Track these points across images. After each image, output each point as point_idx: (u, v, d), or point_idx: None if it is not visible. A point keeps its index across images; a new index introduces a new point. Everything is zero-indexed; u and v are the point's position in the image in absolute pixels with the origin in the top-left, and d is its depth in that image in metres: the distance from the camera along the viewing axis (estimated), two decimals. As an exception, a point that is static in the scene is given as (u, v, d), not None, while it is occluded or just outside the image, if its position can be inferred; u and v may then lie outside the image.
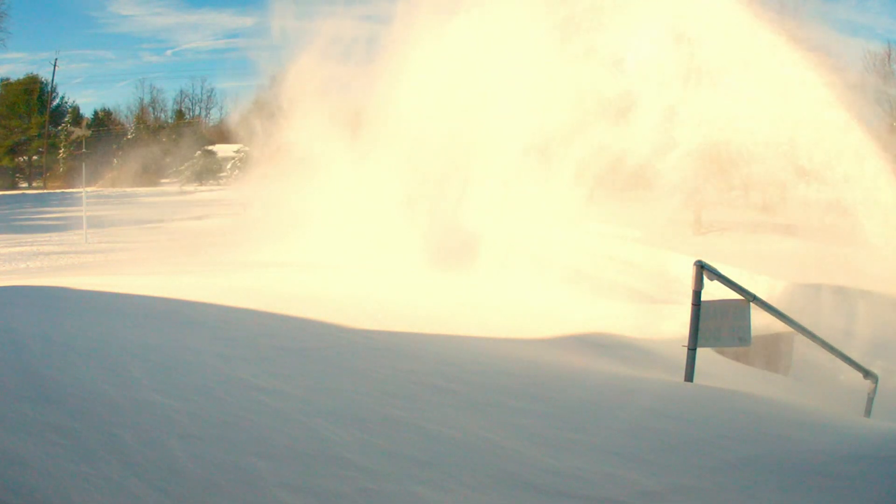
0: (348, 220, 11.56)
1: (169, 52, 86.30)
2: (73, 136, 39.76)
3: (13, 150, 46.85)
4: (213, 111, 62.34)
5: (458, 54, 10.46)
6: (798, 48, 8.00)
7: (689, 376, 4.27)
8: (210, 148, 50.20)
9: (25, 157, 48.37)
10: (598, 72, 9.23)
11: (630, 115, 9.11)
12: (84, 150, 29.98)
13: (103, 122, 50.78)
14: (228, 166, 47.60)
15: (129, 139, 50.67)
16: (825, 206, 7.83)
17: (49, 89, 48.86)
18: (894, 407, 6.46)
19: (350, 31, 12.63)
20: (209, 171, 48.01)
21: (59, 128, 47.84)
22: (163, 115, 58.02)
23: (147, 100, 58.27)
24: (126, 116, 55.82)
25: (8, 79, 47.93)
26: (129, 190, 43.42)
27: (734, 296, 4.25)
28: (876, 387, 5.44)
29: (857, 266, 7.92)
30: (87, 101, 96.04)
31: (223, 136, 54.76)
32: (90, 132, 34.44)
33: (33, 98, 47.24)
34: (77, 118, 46.41)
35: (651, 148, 8.94)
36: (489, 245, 10.47)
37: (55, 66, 49.49)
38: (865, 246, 7.66)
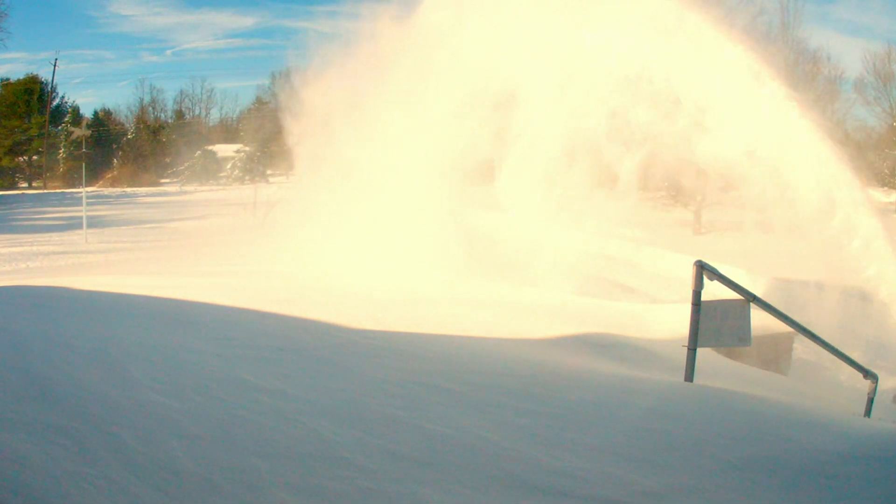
0: (355, 222, 11.55)
1: (169, 52, 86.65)
2: (73, 136, 39.69)
3: (13, 150, 46.82)
4: (213, 111, 62.45)
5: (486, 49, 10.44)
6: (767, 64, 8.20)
7: (689, 376, 4.26)
8: (210, 148, 50.22)
9: (25, 157, 48.37)
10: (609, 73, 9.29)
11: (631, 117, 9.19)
12: (84, 150, 29.94)
13: (103, 122, 50.78)
14: (228, 166, 47.62)
15: (129, 139, 50.69)
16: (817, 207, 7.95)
17: (49, 89, 48.87)
18: (894, 407, 6.46)
19: (383, 29, 12.59)
20: (209, 171, 48.03)
21: (59, 128, 47.81)
22: (163, 115, 58.18)
23: (147, 100, 58.47)
24: (126, 116, 55.98)
25: (8, 79, 47.95)
26: (129, 190, 43.46)
27: (734, 296, 4.25)
28: (876, 387, 5.44)
29: (857, 265, 7.95)
30: (87, 101, 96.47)
31: (223, 136, 54.85)
32: (90, 132, 34.39)
33: (33, 98, 47.21)
34: (77, 118, 46.33)
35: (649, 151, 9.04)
36: (491, 246, 10.49)
37: (55, 66, 49.53)
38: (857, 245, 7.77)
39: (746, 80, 8.24)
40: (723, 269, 4.28)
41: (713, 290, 4.26)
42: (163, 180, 49.26)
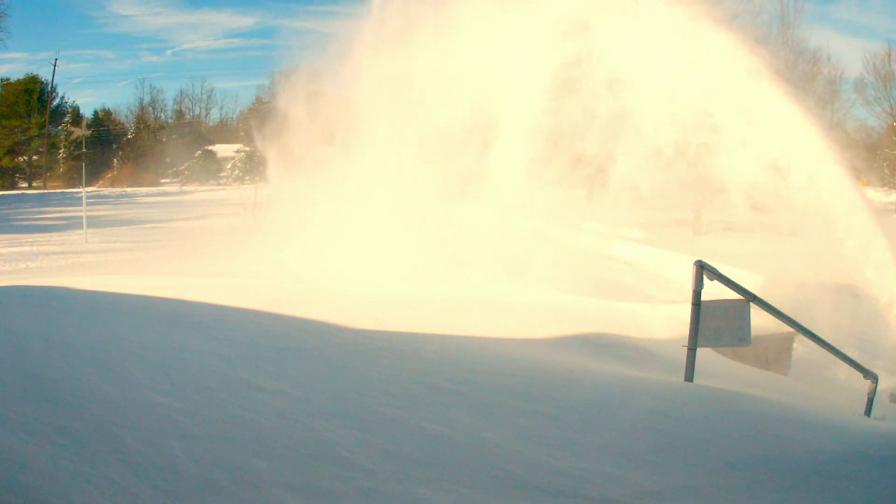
0: (353, 222, 11.57)
1: (169, 52, 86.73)
2: (73, 136, 39.78)
3: (13, 150, 46.86)
4: (213, 111, 62.52)
5: (464, 52, 10.50)
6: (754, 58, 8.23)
7: (689, 376, 4.27)
8: (210, 148, 50.27)
9: (25, 157, 48.40)
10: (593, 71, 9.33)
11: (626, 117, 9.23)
12: (84, 150, 29.98)
13: (103, 122, 50.79)
14: (228, 166, 47.66)
15: (129, 139, 50.71)
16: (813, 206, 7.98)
17: (49, 89, 48.88)
18: (894, 407, 6.47)
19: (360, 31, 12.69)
20: (209, 171, 48.09)
21: (59, 128, 47.84)
22: (163, 115, 58.24)
23: (147, 100, 58.52)
24: (126, 116, 56.02)
25: (8, 79, 47.98)
26: (129, 190, 43.49)
27: (734, 296, 4.26)
28: (876, 387, 5.45)
29: (852, 265, 7.95)
30: (87, 101, 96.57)
31: (223, 136, 54.91)
32: (90, 132, 34.46)
33: (33, 98, 47.24)
34: (77, 118, 46.35)
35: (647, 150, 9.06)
36: (491, 246, 10.49)
37: (55, 66, 49.56)
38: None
39: (744, 80, 8.25)
40: (723, 269, 4.29)
41: (713, 291, 4.26)
42: (163, 180, 49.30)
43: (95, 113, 52.32)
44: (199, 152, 48.54)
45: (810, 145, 8.04)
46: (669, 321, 6.83)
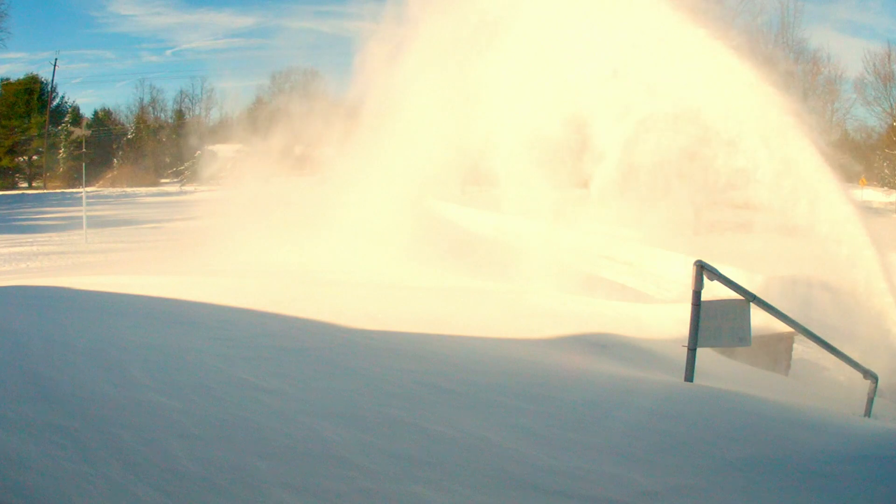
0: (350, 221, 11.59)
1: (169, 52, 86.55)
2: (73, 136, 39.88)
3: (13, 150, 46.88)
4: (213, 111, 62.37)
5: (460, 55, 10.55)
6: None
7: (689, 376, 4.27)
8: (210, 148, 50.23)
9: (25, 157, 48.42)
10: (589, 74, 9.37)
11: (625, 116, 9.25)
12: (84, 150, 30.00)
13: (103, 122, 50.80)
14: (229, 166, 47.61)
15: (129, 139, 50.72)
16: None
17: (49, 89, 48.91)
18: (894, 407, 6.47)
19: (359, 31, 12.81)
20: (209, 171, 48.07)
21: (59, 128, 47.88)
22: (163, 115, 58.14)
23: (147, 100, 58.39)
24: (126, 116, 55.97)
25: (8, 79, 48.01)
26: (129, 190, 43.53)
27: (734, 296, 4.26)
28: (876, 387, 5.45)
29: (844, 264, 7.95)
30: (87, 101, 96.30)
31: (223, 136, 54.88)
32: (90, 132, 34.53)
33: (33, 98, 47.28)
34: (77, 118, 46.43)
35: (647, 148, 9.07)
36: (491, 246, 10.50)
37: (55, 66, 49.57)
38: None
39: (736, 81, 8.26)
40: (723, 269, 4.29)
41: (713, 290, 4.26)
42: (163, 180, 49.33)
43: (95, 113, 52.37)
44: (198, 152, 48.52)
45: (801, 146, 8.05)
46: (669, 321, 6.83)
